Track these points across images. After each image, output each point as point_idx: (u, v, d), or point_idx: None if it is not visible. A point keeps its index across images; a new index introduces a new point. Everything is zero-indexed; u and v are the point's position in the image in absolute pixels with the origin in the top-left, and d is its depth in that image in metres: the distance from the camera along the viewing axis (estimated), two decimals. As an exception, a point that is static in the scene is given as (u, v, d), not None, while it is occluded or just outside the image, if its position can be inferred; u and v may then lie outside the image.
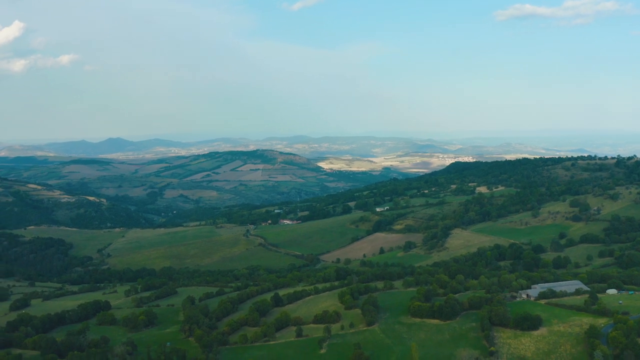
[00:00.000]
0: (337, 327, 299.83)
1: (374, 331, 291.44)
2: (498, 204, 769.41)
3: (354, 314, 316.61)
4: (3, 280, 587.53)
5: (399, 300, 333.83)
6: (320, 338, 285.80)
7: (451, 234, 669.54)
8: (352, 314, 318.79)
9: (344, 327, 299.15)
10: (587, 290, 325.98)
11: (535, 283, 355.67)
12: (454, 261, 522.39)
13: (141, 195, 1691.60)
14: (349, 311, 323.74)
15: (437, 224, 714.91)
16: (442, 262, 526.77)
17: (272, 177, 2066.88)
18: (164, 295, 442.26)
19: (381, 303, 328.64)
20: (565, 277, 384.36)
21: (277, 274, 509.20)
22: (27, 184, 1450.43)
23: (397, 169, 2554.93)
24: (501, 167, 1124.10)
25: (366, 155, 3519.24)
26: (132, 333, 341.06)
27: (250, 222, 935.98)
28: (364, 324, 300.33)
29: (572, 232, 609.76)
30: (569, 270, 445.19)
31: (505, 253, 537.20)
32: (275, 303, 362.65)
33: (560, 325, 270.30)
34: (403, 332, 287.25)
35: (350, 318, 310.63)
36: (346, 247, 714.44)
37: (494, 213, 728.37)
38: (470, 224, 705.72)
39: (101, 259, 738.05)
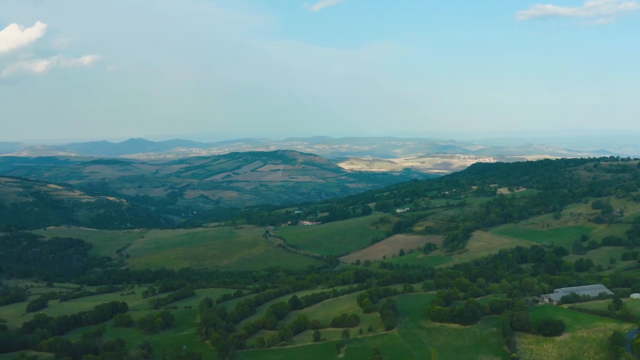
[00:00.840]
0: (355, 331, 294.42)
1: (393, 335, 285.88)
2: (519, 206, 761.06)
3: (373, 318, 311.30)
4: (21, 280, 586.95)
5: (418, 304, 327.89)
6: (338, 342, 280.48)
7: (472, 236, 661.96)
8: (370, 317, 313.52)
9: (363, 331, 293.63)
10: (611, 295, 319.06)
11: (558, 287, 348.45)
12: (474, 264, 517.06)
13: (161, 196, 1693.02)
14: (367, 315, 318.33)
15: (458, 225, 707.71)
16: (463, 265, 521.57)
17: (292, 178, 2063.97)
18: (182, 296, 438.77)
19: (400, 306, 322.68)
20: (588, 281, 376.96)
21: (296, 276, 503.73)
22: (47, 184, 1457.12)
23: (418, 169, 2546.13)
24: (522, 168, 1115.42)
25: (387, 156, 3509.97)
26: (149, 335, 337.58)
27: (269, 222, 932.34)
28: (383, 328, 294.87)
29: (595, 235, 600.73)
30: (591, 274, 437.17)
31: (526, 255, 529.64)
32: (293, 306, 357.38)
33: (583, 330, 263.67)
34: (423, 336, 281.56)
35: (369, 322, 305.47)
36: (366, 248, 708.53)
37: (515, 214, 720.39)
38: (492, 226, 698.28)
39: (120, 259, 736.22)
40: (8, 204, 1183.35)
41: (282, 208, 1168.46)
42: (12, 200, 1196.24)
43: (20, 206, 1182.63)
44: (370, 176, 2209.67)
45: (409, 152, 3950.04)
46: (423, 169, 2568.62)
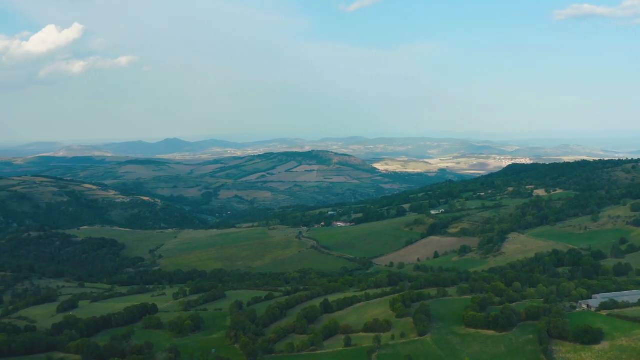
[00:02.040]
0: (387, 337, 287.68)
1: (425, 342, 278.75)
2: (556, 208, 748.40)
3: (406, 323, 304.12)
4: (53, 280, 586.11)
5: (452, 309, 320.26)
6: (369, 348, 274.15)
7: (508, 239, 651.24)
8: (403, 322, 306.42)
9: (395, 337, 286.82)
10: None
11: (596, 292, 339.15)
12: (510, 267, 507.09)
13: (196, 196, 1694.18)
14: (400, 320, 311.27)
15: (494, 227, 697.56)
16: (499, 268, 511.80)
17: (327, 178, 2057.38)
18: (213, 298, 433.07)
19: (434, 312, 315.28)
20: (627, 286, 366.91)
21: (329, 278, 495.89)
22: (82, 184, 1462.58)
23: (453, 170, 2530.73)
24: (559, 170, 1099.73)
25: (422, 157, 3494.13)
26: (178, 338, 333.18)
27: (303, 223, 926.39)
28: (416, 334, 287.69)
29: (634, 238, 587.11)
30: (630, 278, 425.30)
31: (563, 259, 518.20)
32: (325, 309, 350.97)
33: (623, 339, 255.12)
34: (456, 343, 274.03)
35: (402, 327, 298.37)
36: (400, 250, 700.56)
37: (552, 217, 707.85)
38: (528, 228, 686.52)
39: (152, 260, 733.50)
40: (43, 203, 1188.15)
41: (316, 209, 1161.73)
42: (47, 200, 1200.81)
43: (55, 206, 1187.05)
44: (405, 177, 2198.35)
45: (444, 152, 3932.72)
46: (458, 170, 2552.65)
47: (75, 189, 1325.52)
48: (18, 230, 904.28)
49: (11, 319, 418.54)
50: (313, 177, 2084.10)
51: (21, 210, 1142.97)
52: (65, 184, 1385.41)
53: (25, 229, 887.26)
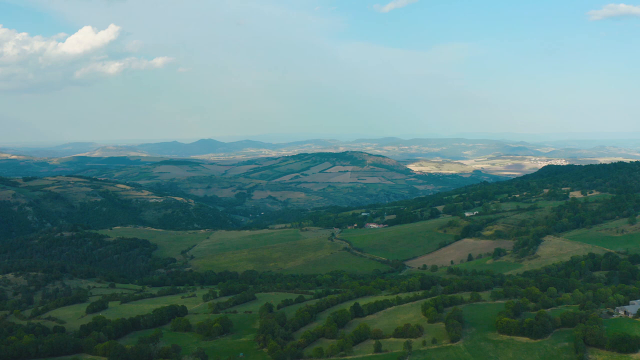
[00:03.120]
0: (418, 343, 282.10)
1: (458, 348, 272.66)
2: (592, 210, 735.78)
3: (437, 328, 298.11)
4: (84, 281, 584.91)
5: (486, 314, 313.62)
6: (400, 354, 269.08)
7: (543, 241, 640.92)
8: (435, 327, 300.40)
9: (426, 343, 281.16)
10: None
11: (634, 298, 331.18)
12: (545, 270, 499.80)
13: (230, 196, 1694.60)
14: (432, 325, 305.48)
15: (529, 230, 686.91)
16: (533, 272, 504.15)
17: (360, 179, 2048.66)
18: (242, 301, 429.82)
19: (467, 317, 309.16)
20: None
21: (360, 281, 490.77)
22: (116, 184, 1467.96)
23: (488, 171, 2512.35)
24: (595, 171, 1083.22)
25: (456, 158, 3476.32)
26: (206, 341, 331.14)
27: (336, 225, 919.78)
28: (448, 340, 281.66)
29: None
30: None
31: (600, 262, 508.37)
32: (355, 313, 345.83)
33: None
34: (489, 350, 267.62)
35: (433, 333, 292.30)
36: (433, 252, 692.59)
37: (588, 219, 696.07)
38: (563, 231, 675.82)
39: (184, 260, 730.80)
40: (77, 203, 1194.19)
41: (349, 210, 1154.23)
42: (81, 200, 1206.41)
43: (89, 206, 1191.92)
44: (439, 178, 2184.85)
45: (479, 153, 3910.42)
46: (493, 171, 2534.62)
47: (109, 189, 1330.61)
48: (51, 230, 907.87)
49: (40, 319, 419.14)
50: (347, 177, 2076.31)
51: (55, 210, 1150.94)
52: (99, 184, 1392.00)
53: (58, 228, 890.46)
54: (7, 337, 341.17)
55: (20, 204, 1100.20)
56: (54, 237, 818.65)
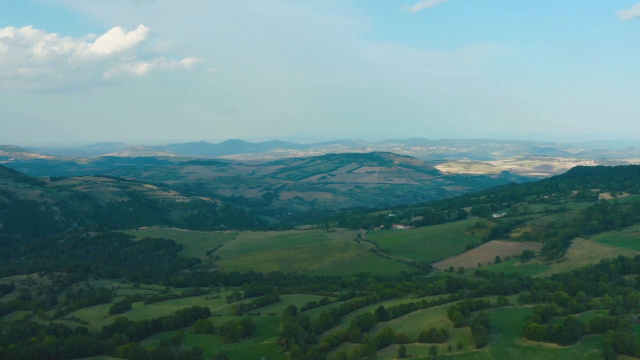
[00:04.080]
0: (443, 348, 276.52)
1: (484, 354, 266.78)
2: (622, 212, 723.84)
3: (463, 333, 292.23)
4: (109, 281, 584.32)
5: (513, 319, 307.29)
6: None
7: (572, 244, 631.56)
8: (461, 332, 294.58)
9: (452, 348, 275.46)
10: None
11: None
12: (574, 274, 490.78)
13: (256, 197, 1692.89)
14: (458, 329, 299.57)
15: (557, 232, 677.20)
16: (562, 275, 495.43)
17: (388, 180, 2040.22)
18: (266, 302, 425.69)
19: (494, 321, 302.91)
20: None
21: (386, 283, 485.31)
22: (143, 184, 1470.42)
23: (516, 172, 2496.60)
24: (625, 172, 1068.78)
25: (485, 158, 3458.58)
26: (229, 344, 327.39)
27: (362, 226, 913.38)
28: (474, 345, 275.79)
29: None
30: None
31: (630, 266, 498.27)
32: (380, 317, 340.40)
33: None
34: (516, 356, 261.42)
35: (459, 338, 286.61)
36: (460, 255, 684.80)
37: (618, 222, 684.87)
38: (593, 233, 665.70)
39: (210, 261, 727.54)
40: (104, 203, 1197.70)
41: (376, 211, 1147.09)
42: (108, 200, 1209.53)
43: (116, 206, 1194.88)
44: (467, 179, 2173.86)
45: (507, 154, 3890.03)
46: (521, 172, 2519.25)
47: (136, 189, 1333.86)
48: (77, 229, 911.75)
49: (64, 319, 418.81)
50: (374, 178, 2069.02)
51: (82, 209, 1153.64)
52: (126, 184, 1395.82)
53: (84, 228, 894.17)
54: (29, 337, 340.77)
55: (48, 203, 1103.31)
56: (79, 237, 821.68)
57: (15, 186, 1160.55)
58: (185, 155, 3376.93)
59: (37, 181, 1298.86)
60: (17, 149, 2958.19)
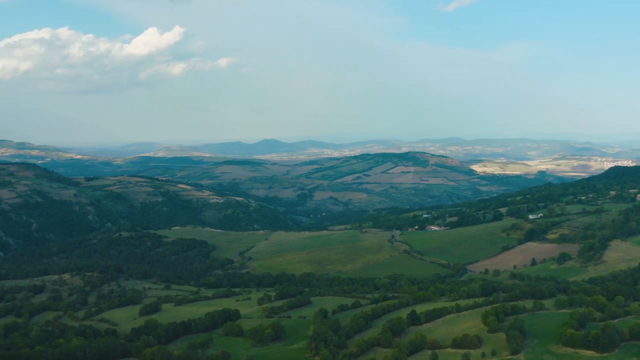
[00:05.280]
0: (477, 355, 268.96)
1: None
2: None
3: (498, 339, 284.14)
4: (140, 282, 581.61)
5: (549, 325, 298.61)
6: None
7: (609, 246, 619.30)
8: (495, 338, 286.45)
9: (485, 355, 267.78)
10: None
11: None
12: (612, 277, 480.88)
13: (291, 197, 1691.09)
14: (492, 335, 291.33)
15: (595, 234, 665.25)
16: (599, 278, 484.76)
17: (423, 180, 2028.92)
18: (297, 305, 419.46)
19: (529, 327, 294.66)
20: None
21: (419, 285, 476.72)
22: (177, 184, 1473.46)
23: (553, 172, 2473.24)
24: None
25: (521, 158, 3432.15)
26: (258, 347, 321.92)
27: (396, 226, 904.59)
28: (508, 352, 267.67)
29: None
30: None
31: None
32: (412, 321, 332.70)
33: None
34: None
35: (493, 344, 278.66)
36: (495, 256, 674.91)
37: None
38: (631, 235, 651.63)
39: (242, 262, 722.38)
40: (138, 203, 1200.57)
41: (410, 211, 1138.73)
42: (142, 200, 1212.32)
43: (149, 206, 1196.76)
44: (503, 179, 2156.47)
45: (543, 154, 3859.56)
46: (558, 172, 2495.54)
47: (170, 189, 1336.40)
48: (110, 230, 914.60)
49: (93, 321, 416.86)
50: (409, 178, 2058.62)
51: (116, 209, 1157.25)
52: (160, 184, 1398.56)
53: (117, 228, 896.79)
54: (56, 339, 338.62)
55: (82, 203, 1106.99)
56: (112, 237, 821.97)
57: (50, 186, 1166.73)
58: (221, 155, 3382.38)
59: (72, 181, 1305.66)
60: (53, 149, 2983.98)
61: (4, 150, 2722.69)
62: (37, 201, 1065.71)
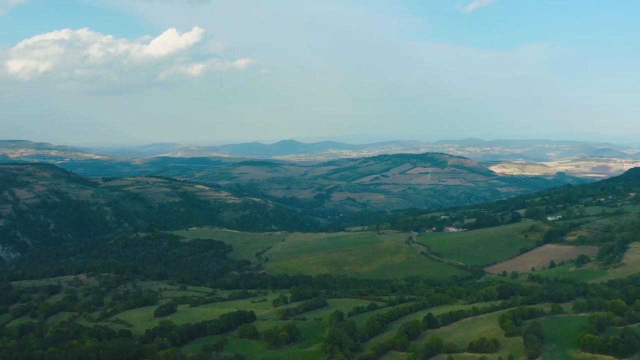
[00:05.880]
0: (494, 359, 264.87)
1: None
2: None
3: (515, 343, 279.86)
4: (156, 282, 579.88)
5: (567, 329, 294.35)
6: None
7: (629, 248, 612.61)
8: (512, 342, 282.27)
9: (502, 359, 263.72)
10: None
11: None
12: (631, 280, 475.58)
13: (309, 198, 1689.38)
14: (509, 339, 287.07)
15: (614, 236, 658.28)
16: (619, 281, 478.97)
17: (441, 181, 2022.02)
18: (313, 307, 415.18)
19: (547, 331, 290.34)
20: None
21: (436, 288, 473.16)
22: (195, 185, 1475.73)
23: (572, 174, 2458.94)
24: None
25: (540, 159, 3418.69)
26: (272, 350, 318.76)
27: (414, 228, 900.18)
28: (525, 357, 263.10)
29: None
30: None
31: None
32: (428, 324, 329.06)
33: None
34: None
35: (510, 348, 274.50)
36: (513, 258, 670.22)
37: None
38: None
39: (258, 263, 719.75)
40: (155, 204, 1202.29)
41: (428, 213, 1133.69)
42: (159, 201, 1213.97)
43: (167, 206, 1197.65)
44: (522, 180, 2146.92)
45: (562, 155, 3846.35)
46: (577, 173, 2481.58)
47: (188, 190, 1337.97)
48: (127, 230, 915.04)
49: (108, 321, 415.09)
50: (427, 179, 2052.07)
51: (133, 210, 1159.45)
52: (178, 185, 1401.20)
53: (133, 229, 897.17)
54: (70, 340, 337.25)
55: (99, 204, 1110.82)
56: (129, 237, 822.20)
57: (67, 186, 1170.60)
58: (239, 156, 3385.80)
59: (89, 181, 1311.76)
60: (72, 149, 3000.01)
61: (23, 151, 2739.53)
62: (55, 201, 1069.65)
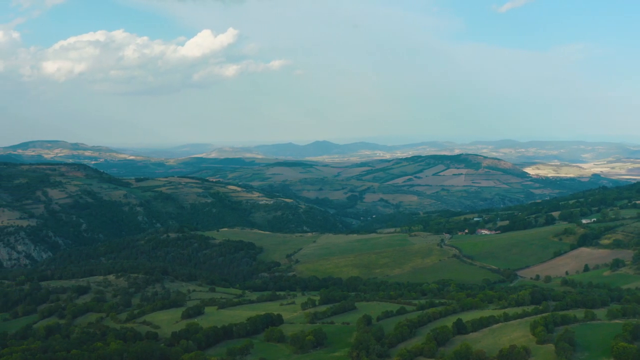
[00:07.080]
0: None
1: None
2: None
3: (546, 351, 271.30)
4: (184, 284, 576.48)
5: (600, 336, 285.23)
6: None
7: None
8: (544, 350, 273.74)
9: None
10: None
11: None
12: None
13: (341, 199, 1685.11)
14: (540, 346, 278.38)
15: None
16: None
17: (475, 183, 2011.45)
18: (341, 310, 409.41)
19: (579, 338, 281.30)
20: None
21: (468, 292, 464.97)
22: (227, 186, 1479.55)
23: (607, 175, 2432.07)
24: None
25: (575, 161, 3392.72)
26: (298, 354, 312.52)
27: (446, 230, 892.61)
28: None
29: None
30: None
31: None
32: (458, 330, 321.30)
33: None
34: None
35: (541, 356, 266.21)
36: (547, 262, 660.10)
37: None
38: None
39: (289, 264, 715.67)
40: (187, 204, 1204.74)
41: (461, 215, 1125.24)
42: (191, 201, 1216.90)
43: (199, 207, 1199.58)
44: (556, 182, 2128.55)
45: (598, 156, 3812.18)
46: (613, 175, 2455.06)
47: (220, 190, 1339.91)
48: (157, 231, 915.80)
49: (135, 323, 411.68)
50: (461, 181, 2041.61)
51: (165, 210, 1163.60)
52: (210, 185, 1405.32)
53: (164, 229, 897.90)
54: (95, 342, 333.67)
55: (131, 204, 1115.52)
56: (159, 238, 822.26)
57: (100, 186, 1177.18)
58: (272, 157, 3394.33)
59: (122, 182, 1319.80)
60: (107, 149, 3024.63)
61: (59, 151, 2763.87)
62: (87, 201, 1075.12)
